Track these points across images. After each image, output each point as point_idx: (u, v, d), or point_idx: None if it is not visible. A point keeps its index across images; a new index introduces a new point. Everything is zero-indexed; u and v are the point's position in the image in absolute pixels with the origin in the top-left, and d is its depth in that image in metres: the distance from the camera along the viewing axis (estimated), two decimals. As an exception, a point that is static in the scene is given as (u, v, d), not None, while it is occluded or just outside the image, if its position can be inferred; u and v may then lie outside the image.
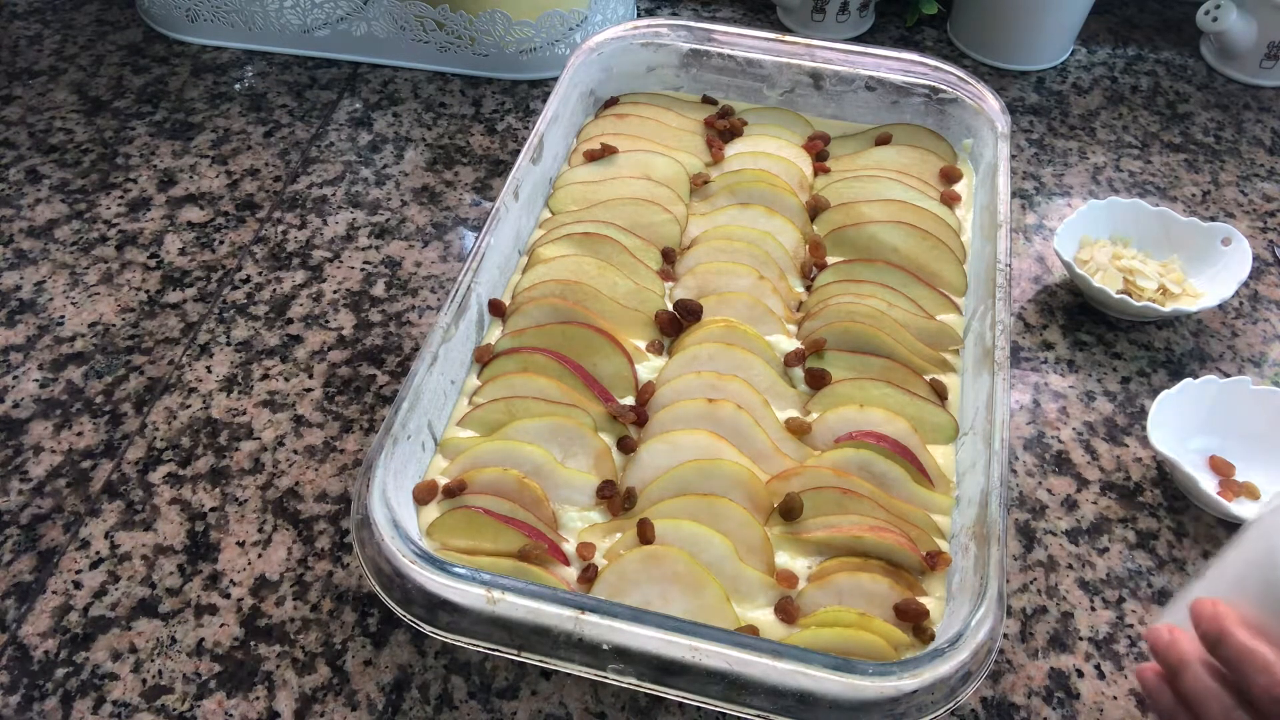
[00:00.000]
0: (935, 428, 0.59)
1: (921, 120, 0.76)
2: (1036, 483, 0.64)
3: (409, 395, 0.54)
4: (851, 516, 0.54)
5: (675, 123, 0.78)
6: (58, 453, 0.64)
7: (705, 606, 0.51)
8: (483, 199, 0.82)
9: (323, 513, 0.61)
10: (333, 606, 0.57)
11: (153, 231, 0.79)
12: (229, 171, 0.84)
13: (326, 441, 0.65)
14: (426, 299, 0.74)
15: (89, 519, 0.61)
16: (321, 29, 0.93)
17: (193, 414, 0.66)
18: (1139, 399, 0.68)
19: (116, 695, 0.53)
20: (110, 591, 0.57)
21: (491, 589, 0.45)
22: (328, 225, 0.79)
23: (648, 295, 0.65)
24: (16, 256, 0.77)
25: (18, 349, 0.70)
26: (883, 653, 0.49)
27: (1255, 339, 0.73)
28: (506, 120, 0.89)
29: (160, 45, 0.97)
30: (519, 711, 0.53)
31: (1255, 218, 0.82)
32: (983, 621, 0.45)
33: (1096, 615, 0.57)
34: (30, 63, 0.94)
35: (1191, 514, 0.62)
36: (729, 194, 0.72)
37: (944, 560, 0.53)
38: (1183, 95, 0.94)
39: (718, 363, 0.61)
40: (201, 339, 0.71)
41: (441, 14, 0.88)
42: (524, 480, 0.55)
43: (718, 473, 0.55)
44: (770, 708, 0.44)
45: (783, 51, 0.76)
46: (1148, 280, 0.72)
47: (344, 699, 0.53)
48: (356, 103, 0.90)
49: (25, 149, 0.85)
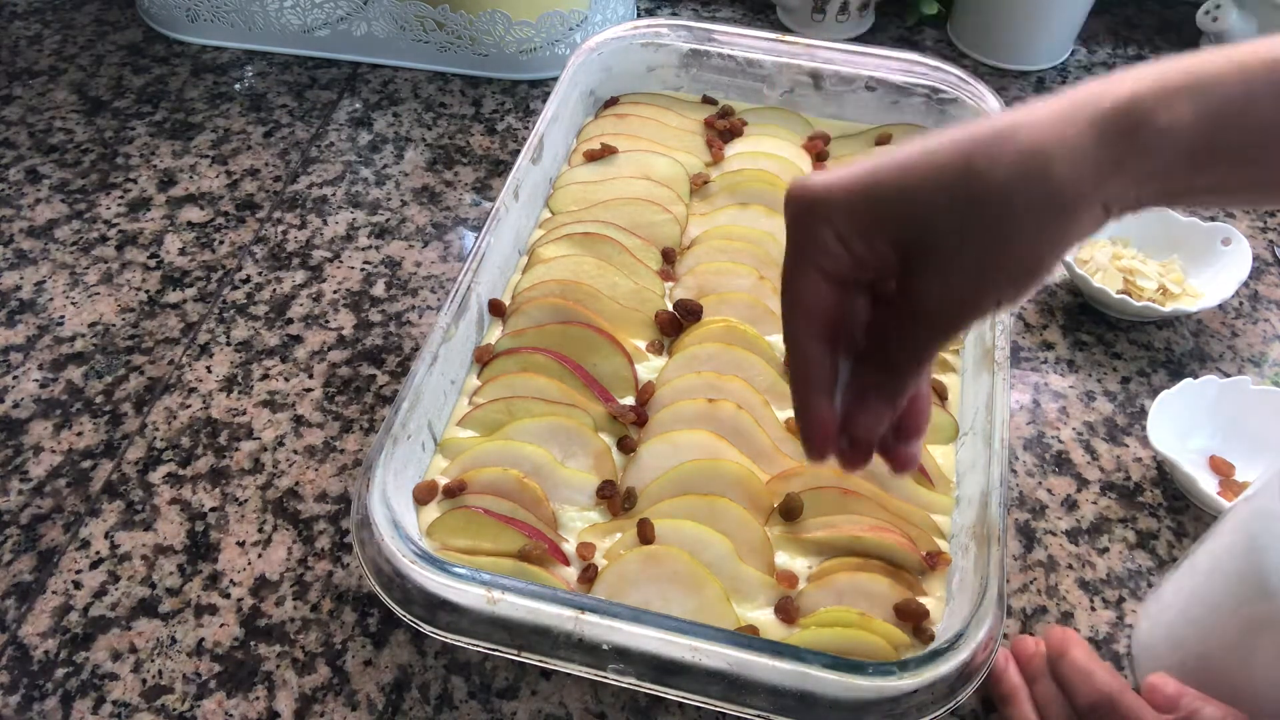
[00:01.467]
0: (935, 428, 0.59)
1: (922, 120, 0.76)
2: (1036, 483, 0.64)
3: (409, 395, 0.54)
4: (851, 516, 0.54)
5: (675, 123, 0.78)
6: (58, 453, 0.64)
7: (705, 606, 0.51)
8: (483, 199, 0.82)
9: (323, 513, 0.61)
10: (333, 606, 0.57)
11: (153, 231, 0.79)
12: (229, 171, 0.84)
13: (326, 441, 0.65)
14: (426, 299, 0.74)
15: (89, 519, 0.61)
16: (321, 29, 0.93)
17: (193, 414, 0.66)
18: (1139, 399, 0.68)
19: (116, 695, 0.53)
20: (110, 591, 0.57)
21: (491, 589, 0.45)
22: (328, 225, 0.79)
23: (648, 295, 0.65)
24: (16, 256, 0.77)
25: (18, 349, 0.70)
26: (883, 653, 0.49)
27: (1255, 339, 0.73)
28: (506, 120, 0.89)
29: (160, 45, 0.97)
30: (519, 711, 0.53)
31: (1255, 218, 0.82)
32: (983, 621, 0.45)
33: (1096, 615, 0.57)
34: (30, 63, 0.94)
35: (1191, 514, 0.62)
36: (729, 194, 0.72)
37: (944, 560, 0.53)
38: (1183, 95, 0.94)
39: (718, 363, 0.61)
40: (201, 339, 0.71)
41: (441, 14, 0.88)
42: (524, 480, 0.55)
43: (718, 473, 0.55)
44: (770, 708, 0.44)
45: (783, 51, 0.76)
46: (1148, 280, 0.72)
47: (344, 699, 0.53)
48: (356, 103, 0.90)
49: (25, 149, 0.85)
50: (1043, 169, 0.33)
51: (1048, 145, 0.33)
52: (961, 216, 0.34)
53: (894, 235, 0.35)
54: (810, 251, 0.37)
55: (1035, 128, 0.34)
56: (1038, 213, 0.34)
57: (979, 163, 0.34)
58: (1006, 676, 0.51)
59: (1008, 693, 0.50)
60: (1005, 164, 0.33)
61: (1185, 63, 0.35)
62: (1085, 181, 0.34)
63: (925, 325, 0.37)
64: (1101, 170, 0.34)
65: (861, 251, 0.36)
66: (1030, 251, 0.34)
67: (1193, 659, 0.49)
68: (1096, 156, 0.34)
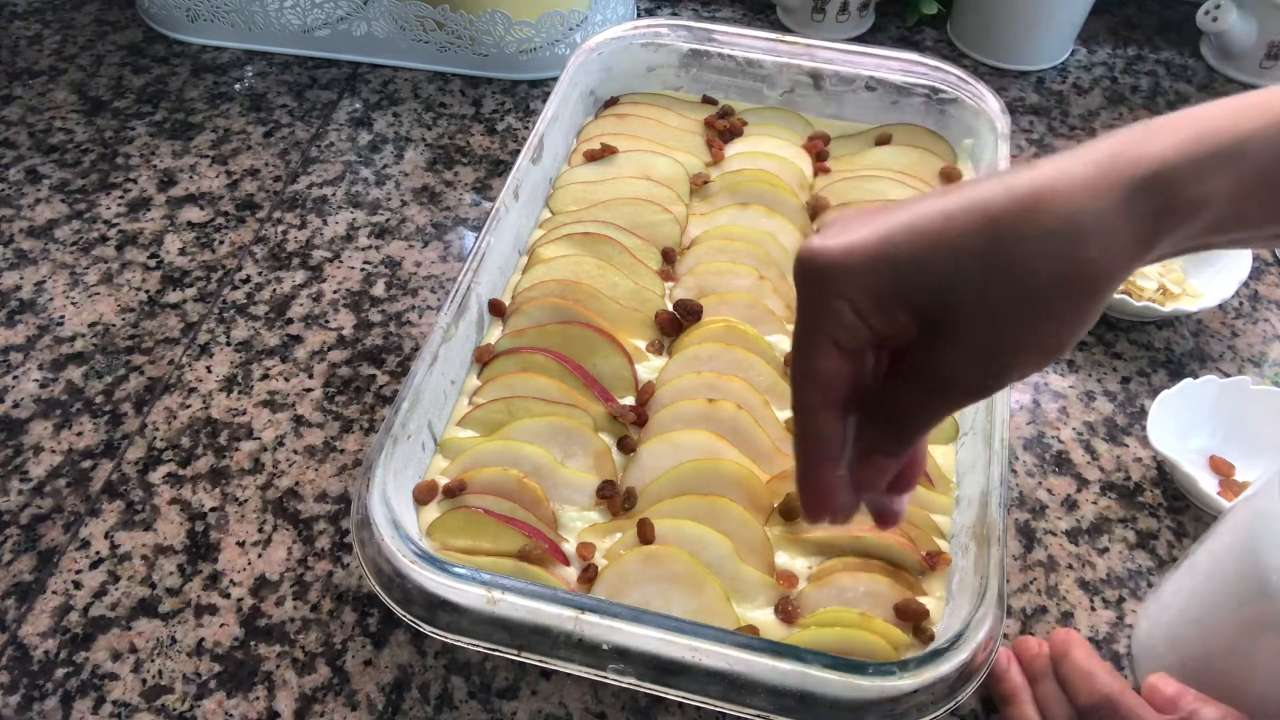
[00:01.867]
0: (935, 428, 0.59)
1: (921, 120, 0.76)
2: (1036, 483, 0.64)
3: (409, 395, 0.54)
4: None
5: (675, 123, 0.78)
6: (58, 453, 0.64)
7: (705, 606, 0.51)
8: (483, 199, 0.82)
9: (323, 513, 0.61)
10: (333, 606, 0.57)
11: (153, 231, 0.79)
12: (229, 171, 0.84)
13: (326, 441, 0.65)
14: (426, 299, 0.74)
15: (89, 519, 0.61)
16: (321, 29, 0.93)
17: (193, 414, 0.66)
18: (1139, 399, 0.68)
19: (116, 695, 0.53)
20: (110, 591, 0.57)
21: (491, 589, 0.45)
22: (328, 225, 0.79)
23: (648, 295, 0.65)
24: (16, 256, 0.77)
25: (18, 349, 0.70)
26: (883, 653, 0.49)
27: (1255, 339, 0.73)
28: (506, 120, 0.89)
29: (160, 45, 0.97)
30: (519, 711, 0.53)
31: (1255, 218, 0.82)
32: (983, 621, 0.45)
33: (1096, 615, 0.57)
34: (30, 63, 0.94)
35: (1191, 514, 0.62)
36: (729, 194, 0.72)
37: (944, 560, 0.53)
38: (1183, 95, 0.94)
39: (718, 363, 0.61)
40: (201, 339, 0.71)
41: (441, 14, 0.88)
42: (524, 480, 0.55)
43: (718, 473, 0.55)
44: (770, 708, 0.44)
45: (783, 51, 0.76)
46: (1147, 280, 0.72)
47: (344, 699, 0.53)
48: (356, 103, 0.90)
49: (25, 149, 0.85)
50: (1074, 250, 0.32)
51: (1079, 222, 0.32)
52: (985, 291, 0.33)
53: (913, 304, 0.34)
54: (825, 324, 0.35)
55: (1064, 200, 0.32)
56: (1066, 293, 0.32)
57: (1005, 237, 0.32)
58: (1009, 676, 0.51)
59: (1010, 692, 0.51)
60: (1033, 241, 0.32)
61: (1219, 119, 0.33)
62: (1116, 261, 0.32)
63: (941, 395, 0.36)
64: (1133, 248, 0.33)
65: (879, 325, 0.34)
66: (1056, 328, 0.33)
67: (1193, 659, 0.49)
68: (1128, 232, 0.32)
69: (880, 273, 0.33)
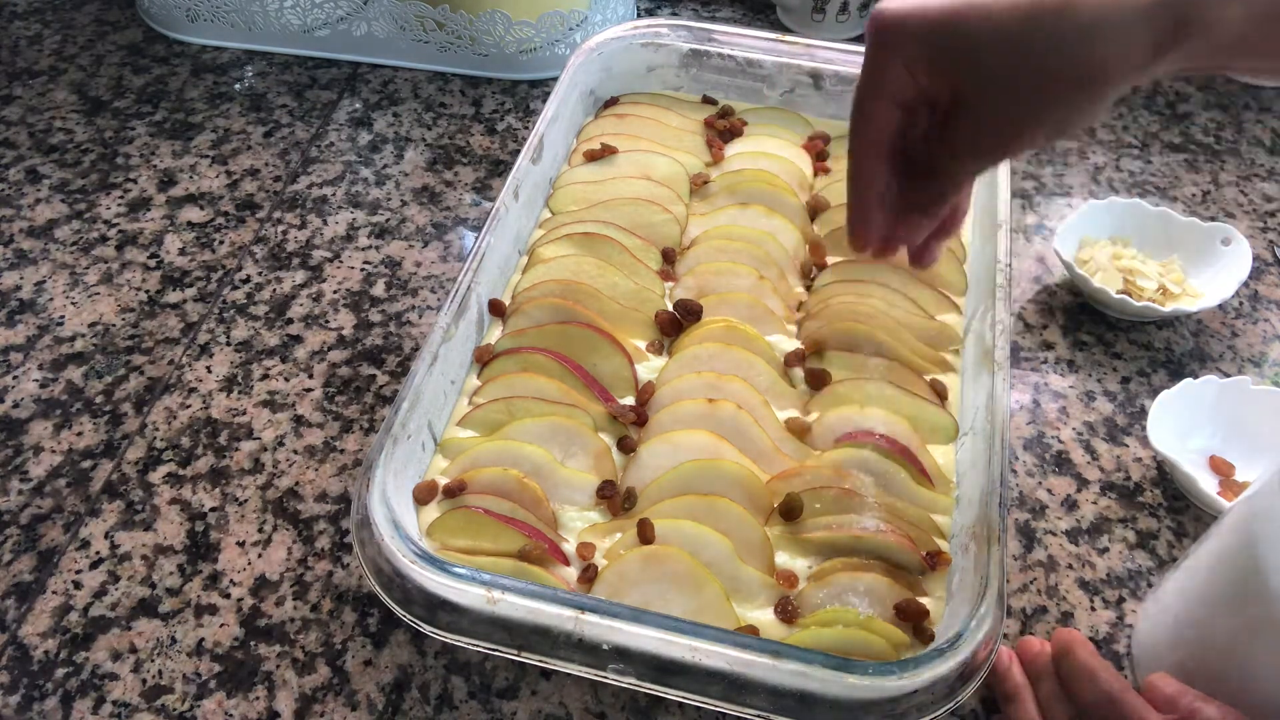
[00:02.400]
0: (935, 428, 0.59)
1: (921, 120, 0.76)
2: (1036, 483, 0.64)
3: (409, 395, 0.54)
4: (851, 516, 0.54)
5: (675, 123, 0.78)
6: (58, 453, 0.64)
7: (705, 606, 0.51)
8: (483, 199, 0.82)
9: (323, 513, 0.61)
10: (333, 606, 0.57)
11: (153, 231, 0.79)
12: (229, 171, 0.84)
13: (326, 441, 0.65)
14: (426, 299, 0.74)
15: (89, 519, 0.61)
16: (321, 29, 0.93)
17: (193, 414, 0.66)
18: (1139, 399, 0.68)
19: (116, 695, 0.53)
20: (110, 591, 0.57)
21: (491, 589, 0.45)
22: (328, 225, 0.79)
23: (648, 295, 0.65)
24: (16, 256, 0.77)
25: (18, 349, 0.70)
26: (883, 653, 0.49)
27: (1255, 339, 0.73)
28: (506, 120, 0.89)
29: (160, 45, 0.97)
30: (519, 711, 0.53)
31: (1255, 218, 0.82)
32: (983, 621, 0.45)
33: (1096, 615, 0.57)
34: (30, 63, 0.94)
35: (1191, 514, 0.62)
36: (729, 194, 0.72)
37: (944, 560, 0.53)
38: (1182, 95, 0.94)
39: (718, 363, 0.61)
40: (201, 339, 0.71)
41: (441, 14, 0.88)
42: (524, 480, 0.55)
43: (718, 473, 0.55)
44: (770, 708, 0.44)
45: (783, 51, 0.76)
46: (1148, 280, 0.72)
47: (344, 699, 0.53)
48: (356, 103, 0.90)
49: (25, 149, 0.85)
50: (1093, 47, 0.37)
51: (1102, 23, 0.37)
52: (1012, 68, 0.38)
53: (950, 72, 0.40)
54: (880, 77, 0.42)
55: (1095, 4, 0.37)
56: (1078, 83, 0.38)
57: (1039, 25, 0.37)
58: (1010, 676, 0.51)
59: (1011, 692, 0.51)
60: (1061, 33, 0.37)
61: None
62: (1129, 64, 0.37)
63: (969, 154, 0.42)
64: (1146, 55, 0.37)
65: (924, 83, 0.41)
66: (1065, 114, 0.39)
67: (1193, 659, 0.49)
68: (1144, 41, 0.37)
69: (933, 37, 0.40)
